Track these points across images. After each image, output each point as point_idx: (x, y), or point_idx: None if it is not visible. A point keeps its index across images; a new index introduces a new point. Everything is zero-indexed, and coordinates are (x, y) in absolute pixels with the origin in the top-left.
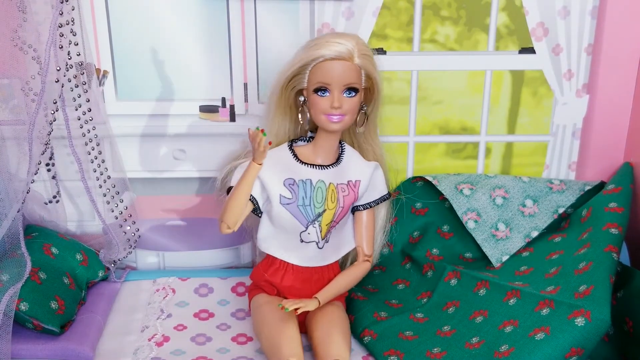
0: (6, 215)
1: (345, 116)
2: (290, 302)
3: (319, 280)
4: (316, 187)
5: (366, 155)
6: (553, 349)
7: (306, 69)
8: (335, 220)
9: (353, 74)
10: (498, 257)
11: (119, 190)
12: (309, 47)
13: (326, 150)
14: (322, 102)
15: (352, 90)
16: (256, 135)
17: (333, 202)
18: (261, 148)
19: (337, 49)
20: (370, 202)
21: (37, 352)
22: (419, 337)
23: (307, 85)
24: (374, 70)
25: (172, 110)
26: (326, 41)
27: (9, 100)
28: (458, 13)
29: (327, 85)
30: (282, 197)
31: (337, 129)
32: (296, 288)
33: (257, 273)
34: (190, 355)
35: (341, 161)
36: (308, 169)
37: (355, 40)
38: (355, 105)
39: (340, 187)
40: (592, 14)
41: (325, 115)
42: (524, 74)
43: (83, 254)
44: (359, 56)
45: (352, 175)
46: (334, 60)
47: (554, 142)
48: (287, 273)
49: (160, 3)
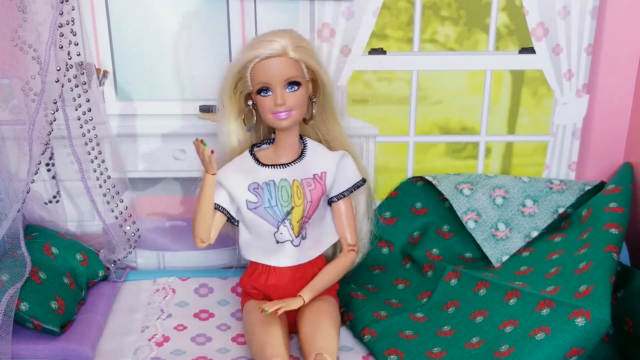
0: (6, 215)
1: (292, 111)
2: (269, 305)
3: (303, 278)
4: (280, 187)
5: (333, 146)
6: (553, 349)
7: (246, 72)
8: (306, 215)
9: (291, 68)
10: (498, 257)
11: (119, 190)
12: (245, 48)
13: (286, 148)
14: (266, 102)
15: (294, 85)
16: (198, 147)
17: (300, 198)
18: (206, 158)
19: (271, 47)
20: (343, 192)
21: (37, 352)
22: (419, 337)
23: (252, 88)
24: (312, 61)
25: (172, 110)
26: (259, 41)
27: (9, 100)
28: (458, 13)
29: (267, 85)
30: (249, 202)
31: (286, 125)
32: (281, 288)
33: (244, 280)
34: (190, 355)
35: (304, 156)
36: (270, 170)
37: (288, 35)
38: (300, 98)
39: (306, 182)
40: (592, 14)
41: (272, 114)
42: (524, 74)
43: (83, 254)
44: (293, 49)
45: (317, 168)
46: (269, 59)
47: (554, 142)
48: (270, 275)
49: (160, 3)
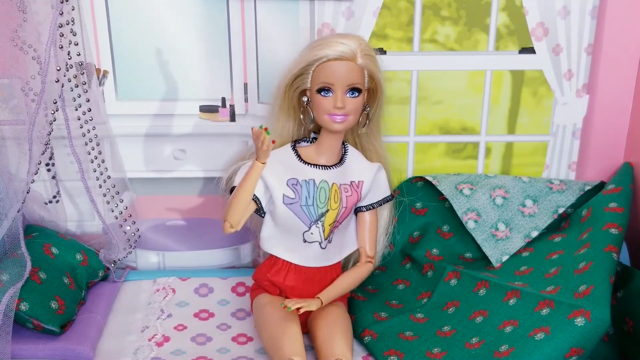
0: (6, 215)
1: (348, 116)
2: (292, 302)
3: (321, 281)
4: (319, 187)
5: (369, 156)
6: (553, 349)
7: (309, 69)
8: (338, 220)
9: (356, 74)
10: (498, 257)
11: (119, 190)
12: (313, 47)
13: (329, 150)
14: (325, 102)
15: (355, 91)
16: (260, 134)
17: (336, 202)
18: (264, 147)
19: (341, 49)
20: (374, 203)
21: (37, 352)
22: (419, 337)
23: (310, 85)
24: (377, 71)
25: (172, 110)
26: (329, 41)
27: (9, 100)
28: (458, 13)
29: (330, 86)
30: (285, 197)
31: (340, 129)
32: (299, 288)
33: (259, 273)
34: (190, 355)
35: (344, 162)
36: (311, 169)
37: (358, 41)
38: (358, 105)
39: (344, 188)
40: (592, 14)
41: (329, 116)
42: (524, 74)
43: (83, 254)
44: (362, 57)
45: (355, 176)
46: (337, 61)
47: (554, 142)
48: (290, 273)
49: (160, 3)
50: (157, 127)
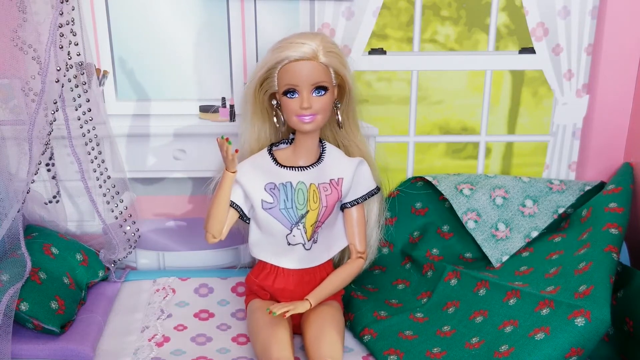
0: (6, 215)
1: (316, 115)
2: (278, 307)
3: (311, 281)
4: (297, 189)
5: (351, 152)
6: (553, 349)
7: (274, 72)
8: (320, 220)
9: (320, 72)
10: (498, 257)
11: (119, 190)
12: (274, 49)
13: (306, 151)
14: (292, 104)
15: (321, 89)
16: (222, 144)
17: (315, 203)
18: (229, 156)
19: (302, 49)
20: (358, 199)
21: (37, 352)
22: (419, 337)
23: (277, 88)
24: (341, 67)
25: (172, 110)
26: (290, 42)
27: (9, 100)
28: (458, 13)
29: (295, 87)
30: (264, 202)
31: (310, 129)
32: (289, 291)
33: (249, 279)
34: (190, 355)
35: (322, 160)
36: (288, 171)
37: (319, 39)
38: (326, 103)
39: (323, 187)
40: (592, 14)
41: (297, 117)
42: (524, 74)
43: (83, 254)
44: (324, 54)
45: (334, 173)
46: (299, 61)
47: (554, 142)
48: (278, 277)
49: (160, 3)
50: (157, 127)
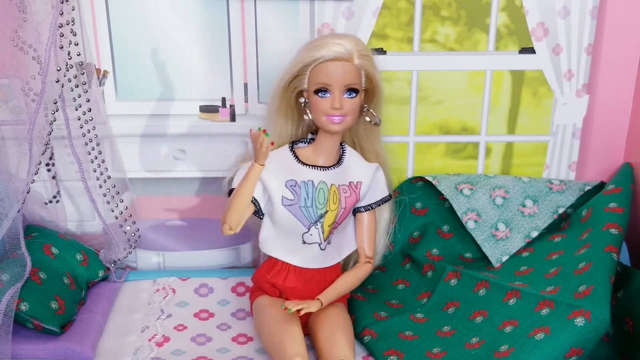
0: (6, 215)
1: (346, 117)
2: (293, 303)
3: (321, 282)
4: (318, 188)
5: (368, 156)
6: (553, 349)
7: (306, 70)
8: (337, 221)
9: (353, 74)
10: (498, 257)
11: (119, 190)
12: (309, 48)
13: (327, 151)
14: (323, 103)
15: (352, 91)
16: (258, 136)
17: (335, 203)
18: (263, 149)
19: (337, 50)
20: (372, 204)
21: (37, 352)
22: (419, 337)
23: (307, 86)
24: (374, 71)
25: (172, 110)
26: (326, 42)
27: (9, 100)
28: (458, 13)
29: (327, 86)
30: (284, 199)
31: (338, 129)
32: (298, 289)
33: (259, 275)
34: (190, 355)
35: (342, 162)
36: (310, 170)
37: (354, 41)
38: (355, 105)
39: (342, 188)
40: (592, 14)
41: (327, 116)
42: (524, 74)
43: (83, 254)
44: (358, 57)
45: (354, 176)
46: (334, 61)
47: (554, 142)
48: (290, 274)
49: (160, 3)
50: (157, 127)
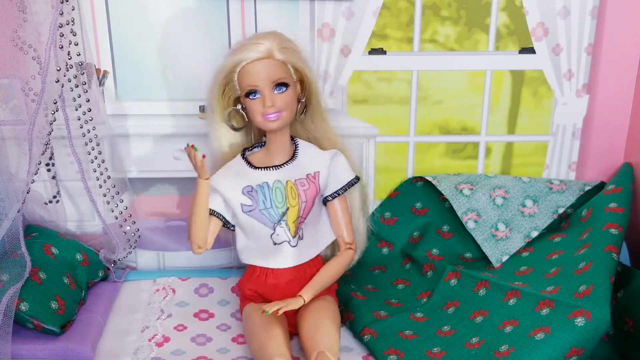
0: (6, 215)
1: (281, 112)
2: (270, 305)
3: (302, 278)
4: (274, 188)
5: (323, 145)
6: (553, 349)
7: (233, 77)
8: (302, 215)
9: (277, 69)
10: (498, 257)
11: (119, 190)
12: (229, 54)
13: (278, 149)
14: (255, 105)
15: (282, 86)
16: (190, 152)
17: (294, 199)
18: (198, 163)
19: (256, 50)
20: (338, 190)
21: (37, 352)
22: (418, 337)
23: (240, 92)
24: (299, 62)
25: (172, 110)
26: (244, 44)
27: (9, 100)
28: (458, 13)
29: (255, 87)
30: (244, 206)
31: (276, 126)
32: (280, 290)
33: (242, 283)
34: (190, 355)
35: (296, 157)
36: (262, 172)
37: (272, 37)
38: (289, 99)
39: (299, 182)
40: (592, 14)
41: (262, 117)
42: (524, 74)
43: (83, 254)
44: (279, 51)
45: (310, 168)
46: (255, 62)
47: (554, 142)
48: (269, 278)
49: (160, 3)
50: (157, 127)
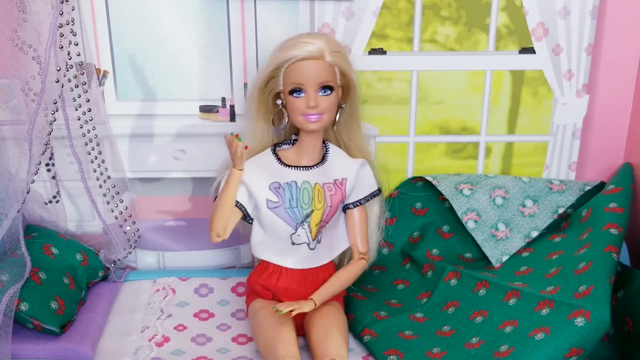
0: (6, 215)
1: (322, 115)
2: (284, 305)
3: (314, 282)
4: (302, 189)
5: (352, 152)
6: (553, 349)
7: (280, 71)
8: (325, 220)
9: (326, 72)
10: (498, 257)
11: (119, 190)
12: (281, 49)
13: (310, 150)
14: (298, 103)
15: (327, 89)
16: (232, 141)
17: (320, 202)
18: (238, 153)
19: (308, 49)
20: (360, 199)
21: (37, 352)
22: (418, 337)
23: (282, 87)
24: (347, 67)
25: (172, 110)
26: (296, 42)
27: (9, 100)
28: (458, 13)
29: (301, 86)
30: (269, 202)
31: (316, 128)
32: (291, 290)
33: (252, 279)
34: (190, 355)
35: (326, 160)
36: (292, 171)
37: (325, 39)
38: (331, 103)
39: (327, 187)
40: (592, 14)
41: (303, 116)
42: (524, 74)
43: (83, 254)
44: (330, 54)
45: (338, 173)
46: (305, 60)
47: (554, 142)
48: (282, 276)
49: (160, 3)
50: (157, 127)
